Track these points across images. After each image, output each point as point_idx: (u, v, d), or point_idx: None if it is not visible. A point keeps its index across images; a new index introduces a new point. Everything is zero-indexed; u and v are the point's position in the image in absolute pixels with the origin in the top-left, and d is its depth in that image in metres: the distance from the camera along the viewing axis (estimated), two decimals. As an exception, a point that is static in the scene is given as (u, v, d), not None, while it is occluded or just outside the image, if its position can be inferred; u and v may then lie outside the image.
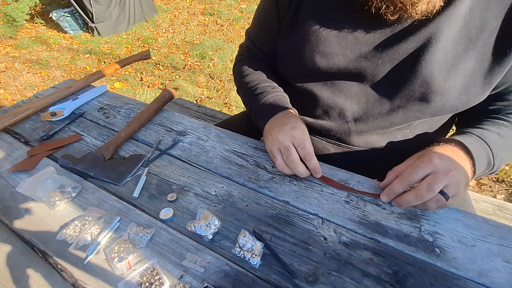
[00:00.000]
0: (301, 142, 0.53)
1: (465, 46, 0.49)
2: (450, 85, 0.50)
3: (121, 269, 0.44)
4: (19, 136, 0.74)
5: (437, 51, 0.49)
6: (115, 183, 0.59)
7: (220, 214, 0.52)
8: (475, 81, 0.50)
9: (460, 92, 0.51)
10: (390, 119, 0.57)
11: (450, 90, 0.51)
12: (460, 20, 0.47)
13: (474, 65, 0.49)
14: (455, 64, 0.49)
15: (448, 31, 0.48)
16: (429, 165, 0.46)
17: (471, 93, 0.51)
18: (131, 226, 0.50)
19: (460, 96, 0.52)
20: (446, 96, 0.52)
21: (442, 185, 0.45)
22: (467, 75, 0.50)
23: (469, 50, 0.49)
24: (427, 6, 0.45)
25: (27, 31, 4.00)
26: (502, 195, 1.57)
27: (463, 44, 0.48)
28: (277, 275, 0.43)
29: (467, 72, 0.50)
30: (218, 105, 2.45)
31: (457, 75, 0.50)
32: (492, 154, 0.50)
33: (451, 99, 0.52)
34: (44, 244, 0.49)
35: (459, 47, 0.49)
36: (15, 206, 0.56)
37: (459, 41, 0.48)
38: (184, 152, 0.66)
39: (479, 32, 0.47)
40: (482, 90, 0.51)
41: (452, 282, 0.41)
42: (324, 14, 0.56)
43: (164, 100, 0.81)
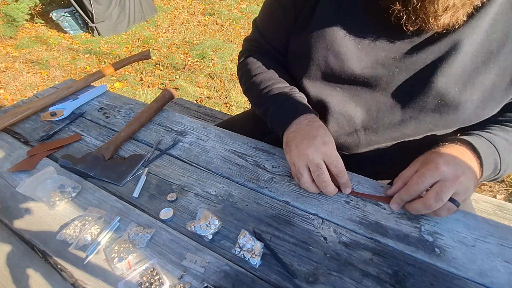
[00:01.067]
0: (334, 159, 0.50)
1: (484, 60, 0.47)
2: (466, 99, 0.49)
3: (121, 269, 0.44)
4: (19, 136, 0.74)
5: (454, 64, 0.47)
6: (115, 183, 0.59)
7: (220, 214, 0.52)
8: (494, 95, 0.49)
9: (477, 106, 0.50)
10: (401, 129, 0.56)
11: (466, 104, 0.49)
12: (482, 32, 0.46)
13: (494, 79, 0.48)
14: (473, 78, 0.48)
15: (469, 44, 0.46)
16: (435, 172, 0.44)
17: (489, 108, 0.50)
18: (131, 226, 0.50)
19: (476, 110, 0.50)
20: (461, 110, 0.50)
21: (450, 193, 0.43)
22: (486, 89, 0.48)
23: (489, 63, 0.47)
24: (450, 19, 0.43)
25: (27, 31, 4.01)
26: (502, 195, 1.57)
27: (483, 57, 0.47)
28: (277, 275, 0.43)
29: (486, 86, 0.48)
30: (218, 105, 2.45)
31: (474, 89, 0.48)
32: (499, 158, 0.49)
33: (466, 113, 0.50)
34: (44, 244, 0.49)
35: (478, 60, 0.47)
36: (15, 206, 0.56)
37: (478, 54, 0.47)
38: (184, 152, 0.67)
39: (500, 46, 0.46)
40: (499, 104, 0.50)
41: (452, 282, 0.41)
42: (343, 14, 0.53)
43: (164, 100, 0.81)
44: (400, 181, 0.51)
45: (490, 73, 0.47)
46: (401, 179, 0.51)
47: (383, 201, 0.52)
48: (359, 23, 0.52)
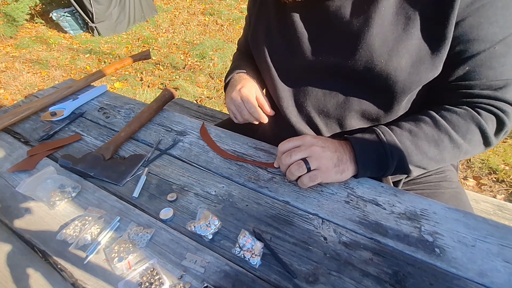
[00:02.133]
0: (245, 95, 0.64)
1: (404, 26, 0.49)
2: (395, 67, 0.50)
3: (121, 269, 0.44)
4: (19, 136, 0.74)
5: (372, 38, 0.50)
6: (115, 183, 0.59)
7: (220, 214, 0.52)
8: (422, 58, 0.49)
9: (409, 72, 0.50)
10: (348, 107, 0.59)
11: (396, 72, 0.50)
12: (392, 3, 0.48)
13: (418, 43, 0.49)
14: (396, 46, 0.49)
15: (381, 17, 0.49)
16: (300, 139, 0.55)
17: (422, 71, 0.50)
18: (131, 226, 0.50)
19: (410, 76, 0.51)
20: (393, 79, 0.51)
21: (301, 155, 0.53)
22: (412, 54, 0.49)
23: (409, 29, 0.48)
24: None
25: (27, 31, 4.00)
26: (502, 195, 1.57)
27: (402, 24, 0.49)
28: (277, 275, 0.43)
29: (412, 51, 0.49)
30: (218, 105, 2.45)
31: (400, 57, 0.50)
32: (385, 152, 0.52)
33: (400, 81, 0.51)
34: (44, 244, 0.49)
35: (398, 28, 0.49)
36: (15, 206, 0.56)
37: (397, 23, 0.49)
38: (184, 152, 0.66)
39: (415, 9, 0.48)
40: (433, 66, 0.50)
41: (452, 282, 0.41)
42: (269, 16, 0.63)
43: (164, 100, 0.81)
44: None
45: (413, 38, 0.49)
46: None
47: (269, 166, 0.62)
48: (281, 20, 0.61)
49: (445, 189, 0.65)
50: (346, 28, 0.52)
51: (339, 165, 0.53)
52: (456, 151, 0.53)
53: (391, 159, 0.52)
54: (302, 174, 0.53)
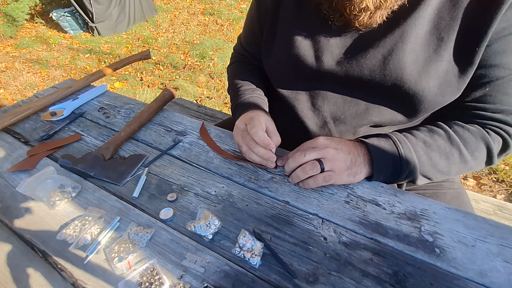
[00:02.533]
0: (252, 125, 0.58)
1: (435, 47, 0.49)
2: (423, 87, 0.51)
3: (121, 269, 0.44)
4: (19, 136, 0.74)
5: (405, 55, 0.49)
6: (115, 183, 0.59)
7: (220, 214, 0.52)
8: (449, 81, 0.50)
9: (435, 94, 0.51)
10: (367, 117, 0.59)
11: (424, 92, 0.51)
12: (428, 22, 0.48)
13: (446, 65, 0.49)
14: (427, 66, 0.50)
15: (416, 34, 0.48)
16: (314, 142, 0.55)
17: (447, 94, 0.52)
18: (131, 226, 0.50)
19: (436, 97, 0.52)
20: (419, 98, 0.52)
21: (315, 155, 0.52)
22: (440, 76, 0.50)
23: (440, 51, 0.49)
24: (368, 20, 0.48)
25: (27, 30, 4.00)
26: (502, 195, 1.57)
27: (434, 45, 0.49)
28: (277, 275, 0.43)
29: (440, 73, 0.50)
30: (218, 105, 2.45)
31: (430, 77, 0.50)
32: (400, 160, 0.52)
33: (426, 101, 0.52)
34: (44, 243, 0.49)
35: (429, 49, 0.49)
36: (15, 205, 0.56)
37: (429, 43, 0.49)
38: (184, 152, 0.67)
39: (449, 32, 0.48)
40: (457, 89, 0.51)
41: (452, 282, 0.41)
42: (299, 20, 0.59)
43: (164, 100, 0.81)
44: None
45: (442, 60, 0.49)
46: None
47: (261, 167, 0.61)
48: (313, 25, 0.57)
49: (447, 190, 0.66)
50: (379, 40, 0.51)
51: (351, 167, 0.53)
52: (462, 166, 0.54)
53: (405, 168, 0.52)
54: (314, 174, 0.53)
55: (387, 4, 0.45)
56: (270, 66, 0.67)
